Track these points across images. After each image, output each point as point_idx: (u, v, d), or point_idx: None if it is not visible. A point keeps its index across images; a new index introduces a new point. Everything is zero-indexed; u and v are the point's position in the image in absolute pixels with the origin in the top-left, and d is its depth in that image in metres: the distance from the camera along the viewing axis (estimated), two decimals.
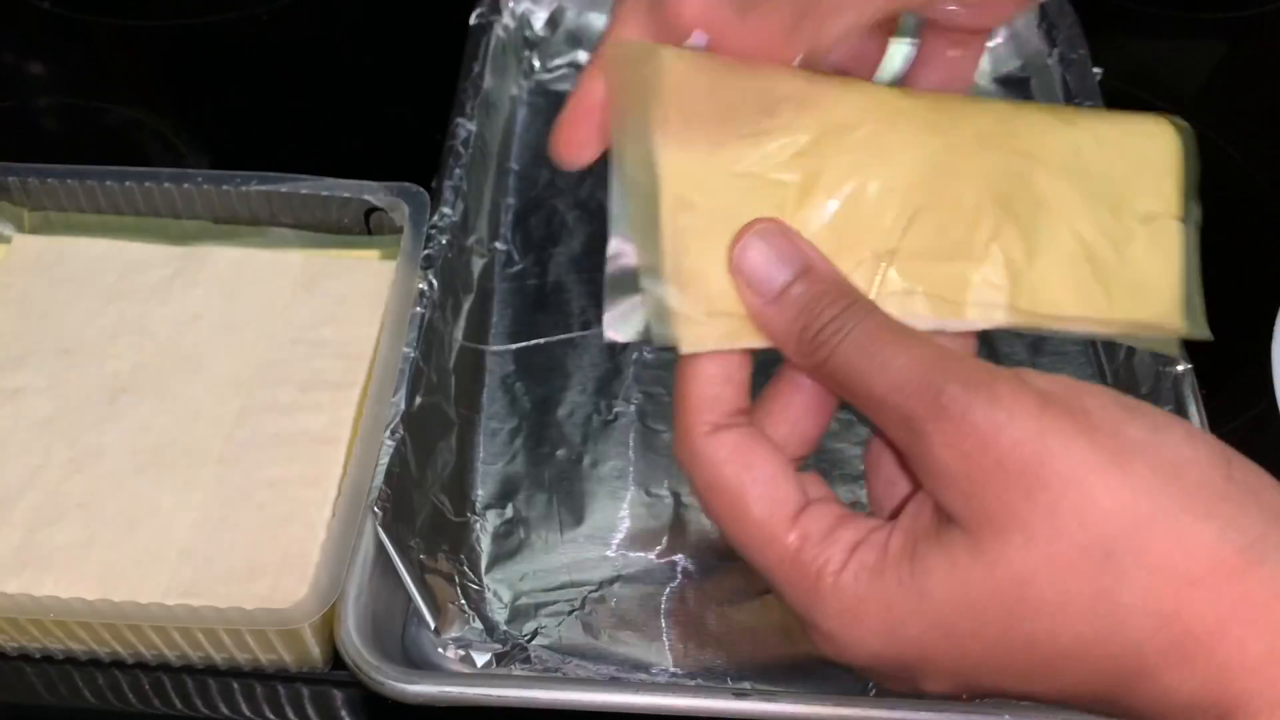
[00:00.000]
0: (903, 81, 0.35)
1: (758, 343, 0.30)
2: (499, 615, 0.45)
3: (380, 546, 0.42)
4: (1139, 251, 0.32)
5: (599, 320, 0.58)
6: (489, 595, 0.45)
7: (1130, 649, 0.25)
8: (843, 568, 0.28)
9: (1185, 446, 0.26)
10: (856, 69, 0.33)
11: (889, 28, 0.34)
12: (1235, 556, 0.24)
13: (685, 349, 0.30)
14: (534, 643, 0.44)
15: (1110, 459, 0.25)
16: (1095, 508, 0.25)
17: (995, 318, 0.31)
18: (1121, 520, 0.25)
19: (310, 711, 0.43)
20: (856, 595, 0.27)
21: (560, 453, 0.49)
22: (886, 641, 0.27)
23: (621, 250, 0.30)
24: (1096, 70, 0.60)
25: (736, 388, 0.30)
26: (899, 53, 0.35)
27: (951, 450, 0.26)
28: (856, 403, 0.30)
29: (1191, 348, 0.47)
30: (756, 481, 0.29)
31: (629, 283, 0.30)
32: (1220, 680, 0.24)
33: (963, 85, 0.34)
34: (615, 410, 0.51)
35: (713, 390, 0.30)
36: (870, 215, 0.30)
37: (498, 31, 0.61)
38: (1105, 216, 0.32)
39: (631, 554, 0.46)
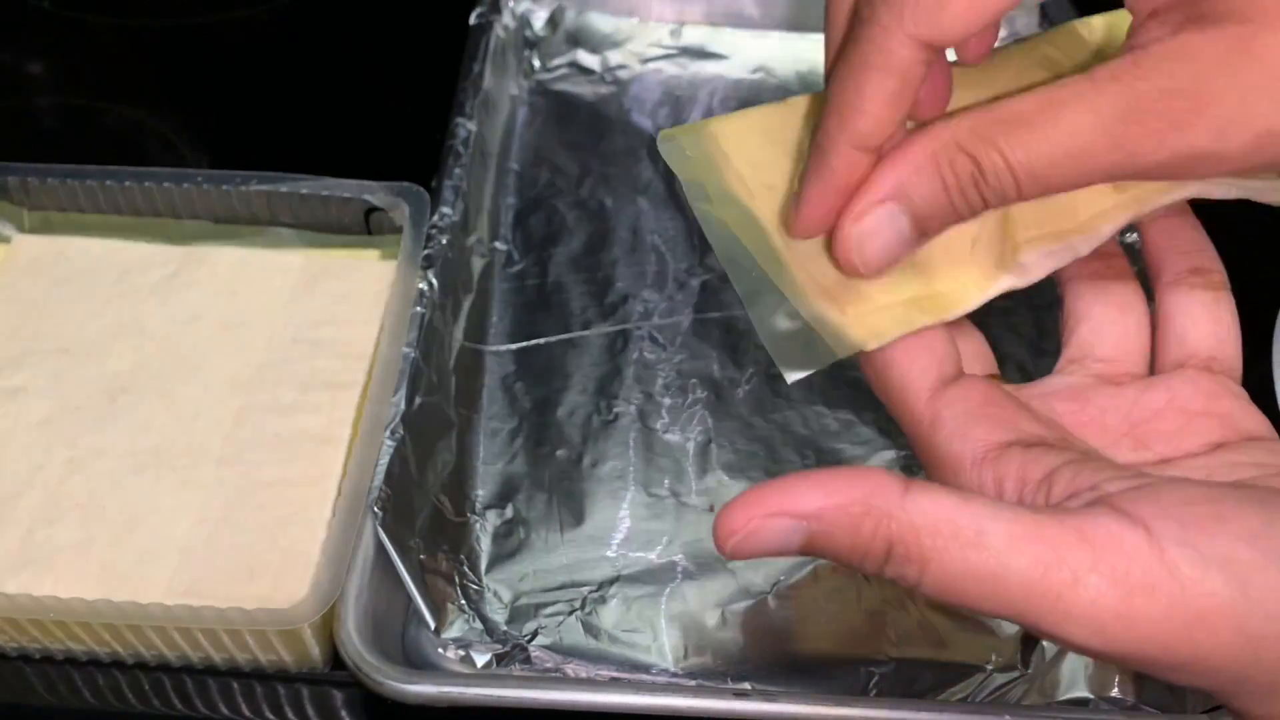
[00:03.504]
0: None
1: (931, 319, 0.30)
2: (499, 615, 0.45)
3: (380, 546, 0.42)
4: None
5: (599, 320, 0.58)
6: (489, 595, 0.45)
7: None
8: None
9: None
10: None
11: None
12: None
13: (873, 345, 0.29)
14: (534, 643, 0.44)
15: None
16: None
17: (1116, 217, 0.30)
18: None
19: (310, 711, 0.43)
20: None
21: (560, 453, 0.49)
22: None
23: (762, 306, 0.30)
24: None
25: (938, 353, 0.30)
26: None
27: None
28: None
29: None
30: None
31: (788, 330, 0.30)
32: None
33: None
34: (615, 410, 0.51)
35: (918, 366, 0.30)
36: None
37: (498, 31, 0.61)
38: None
39: (631, 554, 0.46)
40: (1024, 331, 0.53)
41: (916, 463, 0.38)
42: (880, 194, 0.28)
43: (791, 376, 0.29)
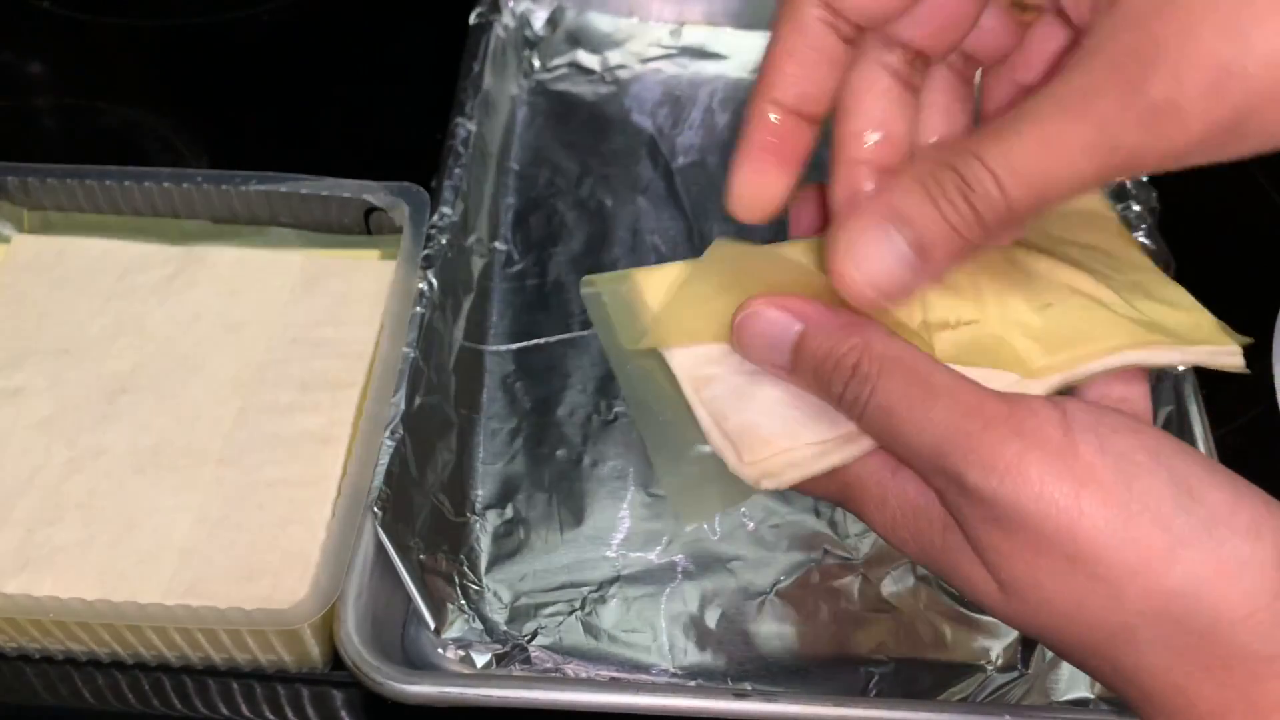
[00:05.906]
0: None
1: (827, 466, 0.30)
2: (499, 615, 0.45)
3: (380, 546, 0.42)
4: (1149, 292, 0.32)
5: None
6: (489, 595, 0.45)
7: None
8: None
9: (1243, 545, 0.26)
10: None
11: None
12: (1263, 666, 0.25)
13: (767, 485, 0.30)
14: (534, 643, 0.44)
15: (1153, 556, 0.26)
16: (1129, 605, 0.26)
17: (1031, 386, 0.30)
18: (1155, 618, 0.26)
19: (310, 712, 0.43)
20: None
21: (560, 453, 0.49)
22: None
23: (665, 454, 0.31)
24: None
25: None
26: None
27: (982, 528, 0.27)
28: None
29: None
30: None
31: (688, 477, 0.31)
32: None
33: None
34: (615, 410, 0.51)
35: None
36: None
37: (498, 31, 0.61)
38: (1101, 274, 0.32)
39: (631, 554, 0.46)
40: None
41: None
42: (872, 218, 0.28)
43: (690, 524, 0.31)
